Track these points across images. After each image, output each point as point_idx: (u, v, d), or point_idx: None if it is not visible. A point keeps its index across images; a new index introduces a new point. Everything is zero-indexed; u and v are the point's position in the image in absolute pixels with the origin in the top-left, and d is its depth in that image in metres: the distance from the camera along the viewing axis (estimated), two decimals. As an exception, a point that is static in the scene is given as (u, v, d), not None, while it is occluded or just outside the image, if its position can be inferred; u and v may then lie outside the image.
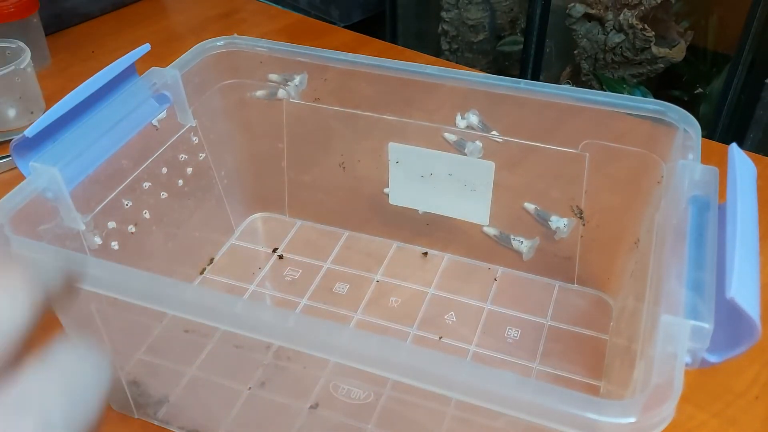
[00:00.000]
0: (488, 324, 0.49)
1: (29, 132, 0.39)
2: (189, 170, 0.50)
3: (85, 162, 0.41)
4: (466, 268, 0.53)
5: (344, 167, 0.54)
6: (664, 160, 0.43)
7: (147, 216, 0.46)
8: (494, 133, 0.47)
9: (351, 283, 0.52)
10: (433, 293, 0.51)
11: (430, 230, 0.54)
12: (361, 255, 0.55)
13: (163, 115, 0.46)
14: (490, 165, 0.49)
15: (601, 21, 1.26)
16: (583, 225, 0.49)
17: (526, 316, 0.49)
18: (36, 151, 0.40)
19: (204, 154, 0.51)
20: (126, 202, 0.44)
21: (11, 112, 0.67)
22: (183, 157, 0.49)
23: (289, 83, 0.73)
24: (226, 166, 0.54)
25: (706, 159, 0.39)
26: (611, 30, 1.24)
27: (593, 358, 0.46)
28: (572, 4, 1.28)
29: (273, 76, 0.74)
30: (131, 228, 0.45)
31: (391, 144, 0.51)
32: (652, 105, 0.42)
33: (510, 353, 0.46)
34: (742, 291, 0.27)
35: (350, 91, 0.50)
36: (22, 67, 0.65)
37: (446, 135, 0.49)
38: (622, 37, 1.23)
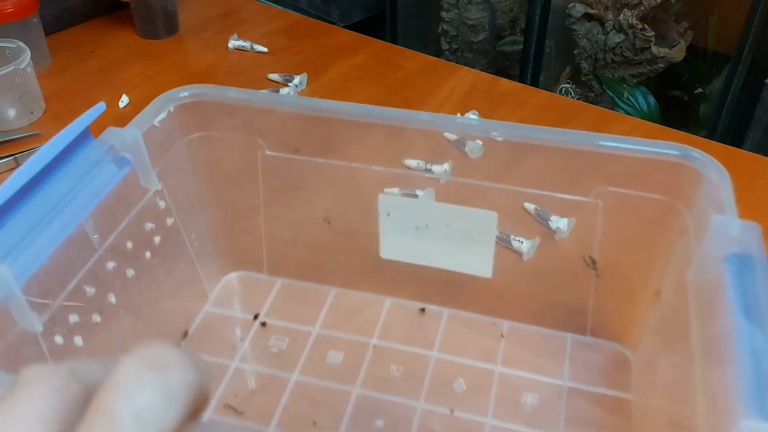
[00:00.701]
0: (502, 390, 0.44)
1: (-31, 225, 0.33)
2: (157, 239, 0.44)
3: (37, 250, 0.35)
4: (469, 323, 0.49)
5: (329, 221, 0.49)
6: (688, 209, 0.39)
7: (113, 300, 0.40)
8: (494, 133, 0.43)
9: (345, 351, 0.47)
10: (437, 357, 0.47)
11: (425, 283, 0.50)
12: (353, 315, 0.50)
13: (123, 179, 0.41)
14: (493, 215, 0.45)
15: (601, 21, 1.25)
16: (597, 276, 0.45)
17: (542, 378, 0.45)
18: (-22, 244, 0.34)
19: (172, 219, 0.45)
20: (89, 290, 0.39)
21: (11, 112, 0.67)
22: (150, 226, 0.43)
23: (289, 84, 0.70)
24: (197, 227, 0.48)
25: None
26: (611, 30, 1.23)
27: (619, 422, 0.42)
28: (572, 4, 1.27)
29: (273, 76, 0.70)
30: (96, 318, 0.39)
31: (380, 195, 0.46)
32: (672, 149, 0.38)
33: (530, 424, 0.42)
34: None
35: (333, 139, 0.45)
36: (22, 67, 0.65)
37: (446, 134, 0.45)
38: (622, 37, 1.22)
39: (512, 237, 0.48)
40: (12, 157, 0.61)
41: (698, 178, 0.38)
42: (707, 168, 0.37)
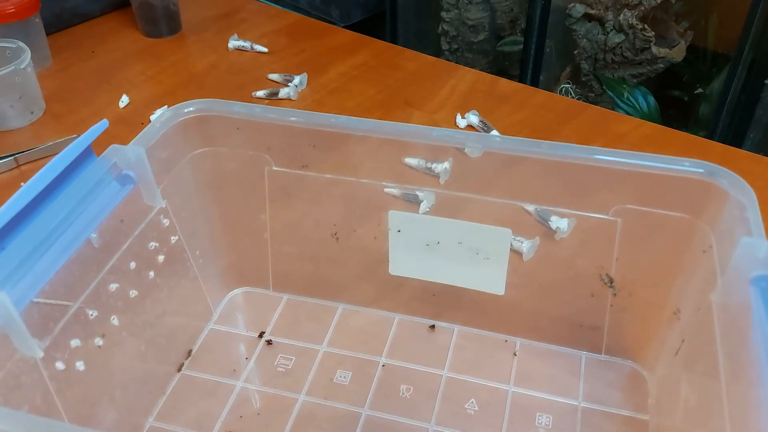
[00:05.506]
0: (515, 411, 0.43)
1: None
2: (161, 258, 0.43)
3: (37, 274, 0.34)
4: (480, 341, 0.48)
5: (337, 237, 0.47)
6: (711, 228, 0.38)
7: (116, 323, 0.39)
8: (494, 132, 0.41)
9: (353, 370, 0.46)
10: (448, 376, 0.46)
11: (435, 299, 0.48)
12: (361, 333, 0.49)
13: (126, 197, 0.39)
14: (507, 232, 0.44)
15: (601, 21, 1.24)
16: (614, 294, 0.44)
17: (556, 398, 0.44)
18: (-23, 269, 0.32)
19: (176, 237, 0.44)
20: (91, 313, 0.37)
21: (11, 112, 0.67)
22: (153, 245, 0.42)
23: (289, 84, 0.70)
24: (202, 244, 0.47)
25: (705, 159, 0.36)
26: (611, 30, 1.22)
27: (636, 445, 0.41)
28: (572, 4, 1.26)
29: (273, 76, 0.71)
30: (98, 341, 0.38)
31: (391, 212, 0.45)
32: (697, 167, 0.37)
33: (546, 448, 0.41)
34: None
35: (341, 154, 0.44)
36: (22, 67, 0.65)
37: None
38: (622, 37, 1.21)
39: (512, 237, 0.46)
40: (12, 157, 0.60)
41: (723, 197, 0.37)
42: (733, 187, 0.36)
